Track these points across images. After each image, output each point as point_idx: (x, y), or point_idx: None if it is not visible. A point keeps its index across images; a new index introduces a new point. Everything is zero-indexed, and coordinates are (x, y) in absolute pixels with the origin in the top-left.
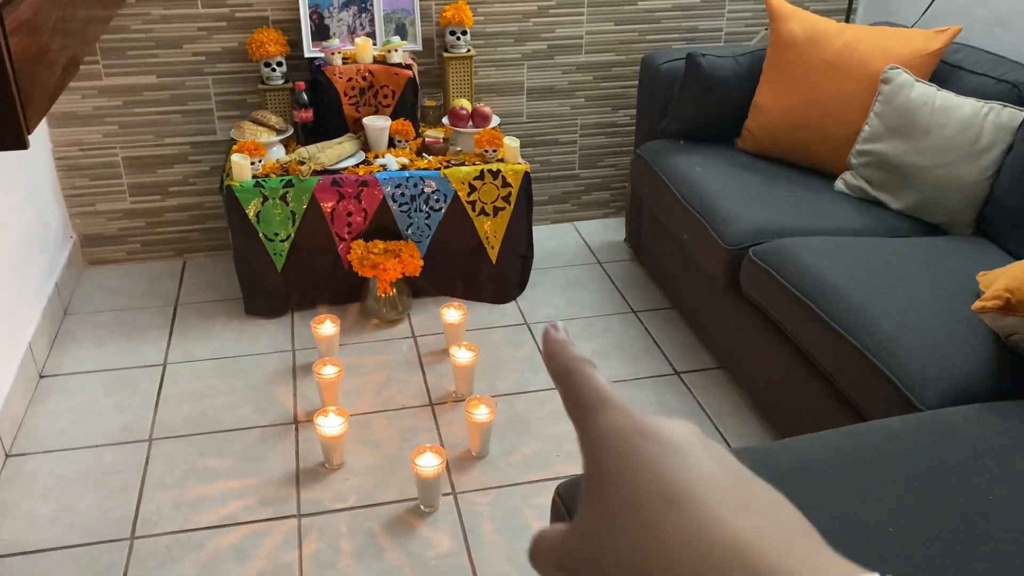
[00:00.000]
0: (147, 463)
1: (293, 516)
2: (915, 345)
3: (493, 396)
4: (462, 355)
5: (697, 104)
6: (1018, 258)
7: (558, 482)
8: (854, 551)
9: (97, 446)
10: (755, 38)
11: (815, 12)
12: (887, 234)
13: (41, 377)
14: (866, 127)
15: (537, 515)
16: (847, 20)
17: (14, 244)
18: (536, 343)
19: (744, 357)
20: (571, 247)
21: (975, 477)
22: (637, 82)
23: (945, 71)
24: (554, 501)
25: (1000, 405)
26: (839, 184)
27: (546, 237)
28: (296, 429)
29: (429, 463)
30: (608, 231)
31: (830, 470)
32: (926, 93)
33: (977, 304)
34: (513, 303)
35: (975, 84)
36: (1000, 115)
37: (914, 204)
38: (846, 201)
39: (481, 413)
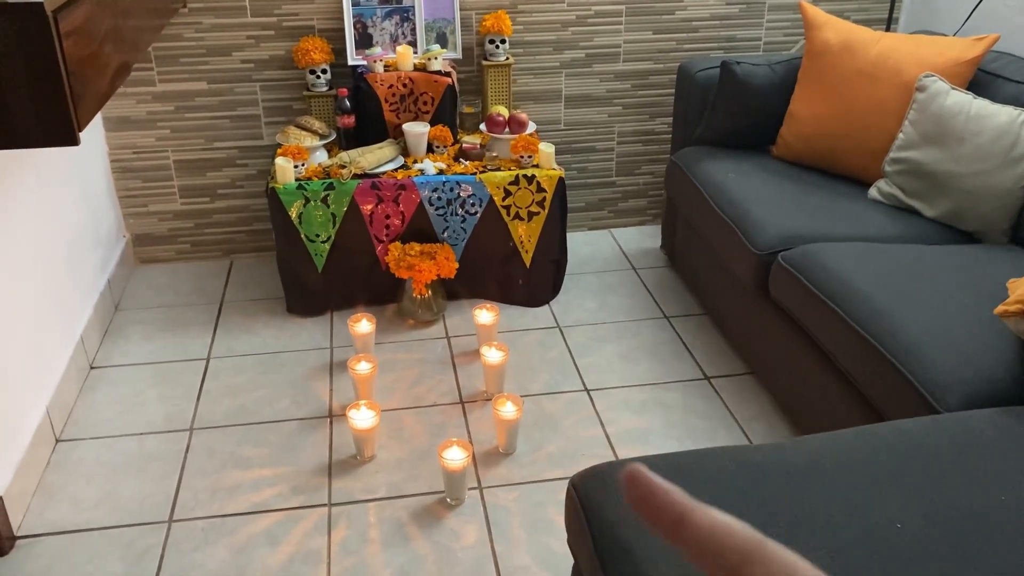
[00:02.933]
0: (187, 452)
1: (324, 505)
2: (938, 349)
3: (523, 396)
4: (492, 355)
5: (732, 112)
6: None
7: None
8: (860, 545)
9: (141, 434)
10: (794, 47)
11: (857, 21)
12: (920, 242)
13: (91, 368)
14: (900, 135)
15: (561, 511)
16: (887, 29)
17: (68, 241)
18: (567, 346)
19: (773, 362)
20: (607, 253)
21: (987, 477)
22: (674, 90)
23: (983, 79)
24: (569, 492)
25: (1020, 409)
26: (873, 192)
27: (582, 243)
28: (331, 423)
29: (455, 456)
30: (644, 238)
31: (842, 466)
32: (961, 101)
33: (999, 308)
34: (546, 307)
35: (1013, 92)
36: None
37: (948, 212)
38: (880, 208)
39: (508, 410)
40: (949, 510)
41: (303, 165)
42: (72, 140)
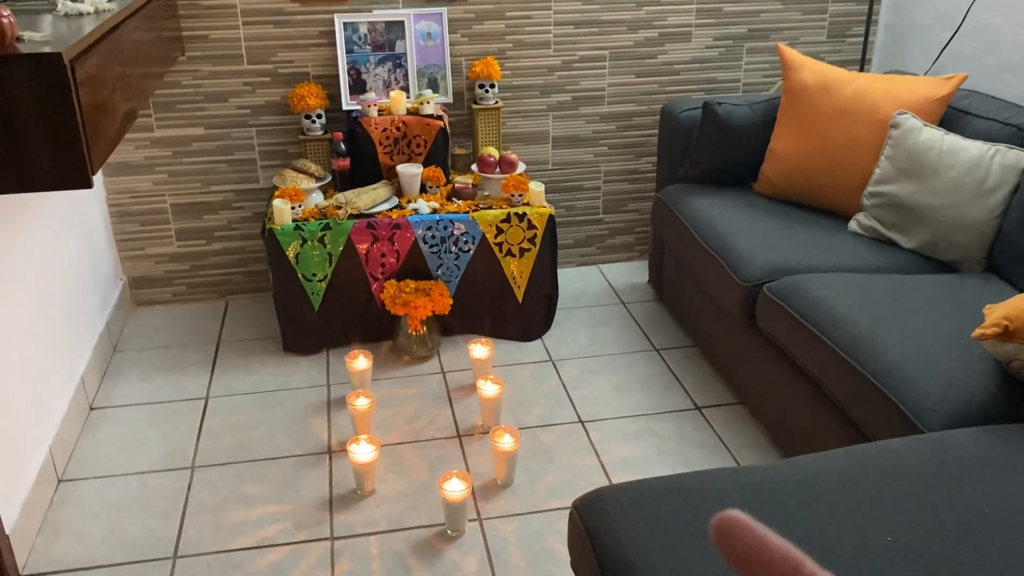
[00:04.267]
0: (189, 489)
1: (326, 539)
2: (920, 373)
3: (519, 428)
4: (488, 388)
5: (714, 150)
6: None
7: None
8: (854, 559)
9: (143, 472)
10: (772, 88)
11: (831, 63)
12: (899, 272)
13: (91, 409)
14: (877, 170)
15: (560, 540)
16: (861, 69)
17: (70, 285)
18: (560, 379)
19: (762, 391)
20: (596, 288)
21: (971, 491)
22: (658, 130)
23: (953, 116)
24: (571, 516)
25: (999, 428)
26: (853, 224)
27: (572, 279)
28: (330, 458)
29: (456, 488)
30: (632, 273)
31: (833, 485)
32: (934, 136)
33: (977, 332)
34: (539, 341)
35: (982, 128)
36: (1007, 156)
37: (925, 243)
38: (860, 241)
39: (506, 442)
40: (937, 523)
41: (300, 207)
42: (86, 183)
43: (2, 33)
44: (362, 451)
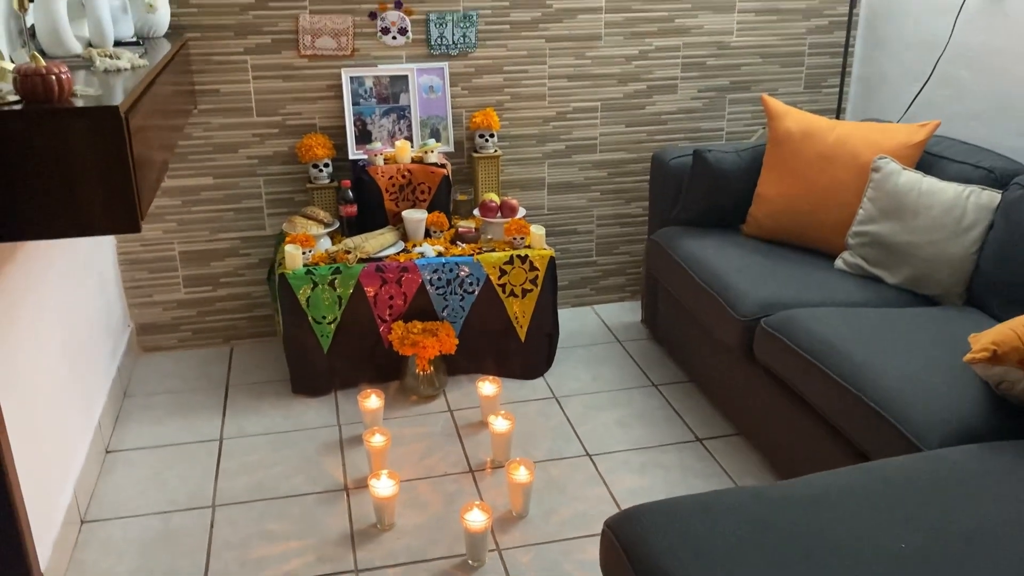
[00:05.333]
0: (212, 526)
1: (351, 571)
2: (916, 396)
3: None
4: (500, 423)
5: (704, 194)
6: None
7: (598, 538)
8: (867, 566)
9: (165, 512)
10: (754, 136)
11: (809, 111)
12: (886, 306)
13: (107, 452)
14: (860, 211)
15: (578, 568)
16: (837, 117)
17: (88, 331)
18: (565, 415)
19: (761, 421)
20: (592, 328)
21: (972, 502)
22: (648, 177)
23: (928, 160)
24: (604, 534)
25: (994, 444)
26: (839, 263)
27: (568, 319)
28: (347, 495)
29: (477, 518)
30: (625, 313)
31: (846, 498)
32: (912, 179)
33: (968, 356)
34: (541, 378)
35: (956, 170)
36: (980, 197)
37: (908, 278)
38: (846, 277)
39: (521, 474)
40: (943, 531)
41: (310, 252)
42: (135, 227)
43: (61, 88)
44: (383, 485)
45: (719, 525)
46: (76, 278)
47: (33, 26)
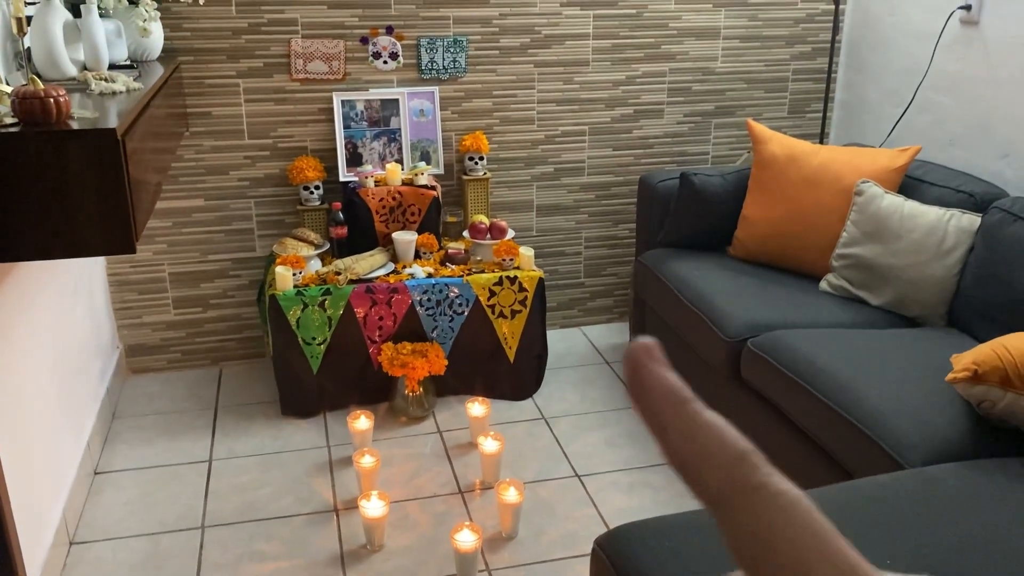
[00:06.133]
0: (201, 548)
1: None
2: (899, 415)
3: None
4: (489, 444)
5: (691, 217)
6: None
7: (587, 559)
8: None
9: (154, 533)
10: (739, 160)
11: (792, 135)
12: (869, 327)
13: (96, 474)
14: (844, 233)
15: None
16: (820, 142)
17: (77, 352)
18: (554, 436)
19: (747, 439)
20: (580, 349)
21: (955, 518)
22: (635, 199)
23: (910, 184)
24: (594, 552)
25: (976, 462)
26: (823, 284)
27: (556, 340)
28: (337, 515)
29: (467, 539)
30: (612, 334)
31: (830, 514)
32: (895, 203)
33: (950, 376)
34: (530, 399)
35: (937, 194)
36: (961, 220)
37: (892, 300)
38: (830, 299)
39: (511, 495)
40: (926, 548)
41: (300, 273)
42: (131, 248)
43: (58, 111)
44: (373, 506)
45: (708, 544)
46: (67, 299)
47: (29, 49)
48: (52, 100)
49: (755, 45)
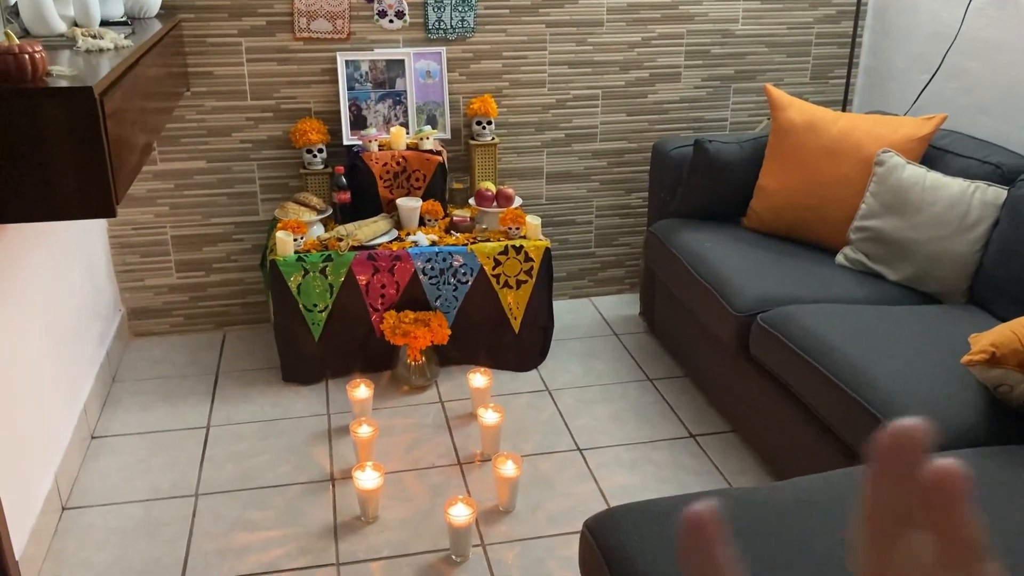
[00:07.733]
0: (194, 516)
1: (332, 564)
2: (912, 397)
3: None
4: (489, 416)
5: (705, 186)
6: None
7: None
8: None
9: (147, 500)
10: (758, 127)
11: (815, 103)
12: (886, 303)
13: (93, 438)
14: (863, 205)
15: (562, 565)
16: (843, 109)
17: (74, 316)
18: (557, 408)
19: (755, 419)
20: (588, 320)
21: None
22: (648, 167)
23: (934, 154)
24: (583, 535)
25: (990, 449)
26: (840, 258)
27: (565, 311)
28: (333, 486)
29: (461, 513)
30: (623, 305)
31: (833, 503)
32: (917, 174)
33: (966, 358)
34: (535, 371)
35: (962, 166)
36: (986, 193)
37: (910, 275)
38: (847, 273)
39: (508, 469)
40: None
41: (302, 238)
42: (111, 212)
43: (34, 68)
44: (367, 478)
45: None
46: (63, 261)
47: (16, 4)
48: (27, 56)
49: (777, 7)
